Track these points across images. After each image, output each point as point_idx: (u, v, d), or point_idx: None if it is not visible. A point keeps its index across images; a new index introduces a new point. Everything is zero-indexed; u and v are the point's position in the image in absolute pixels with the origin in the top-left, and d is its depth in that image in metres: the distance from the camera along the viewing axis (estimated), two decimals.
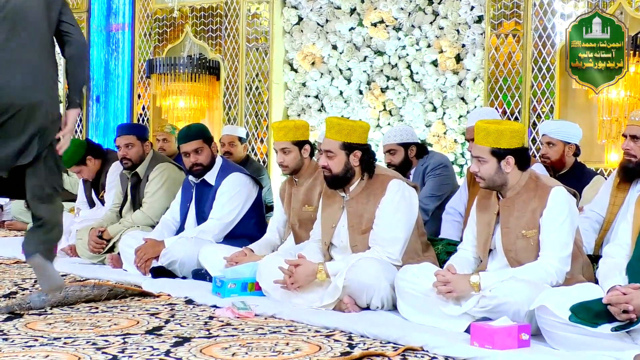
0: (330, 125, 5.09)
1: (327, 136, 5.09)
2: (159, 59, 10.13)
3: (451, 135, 8.54)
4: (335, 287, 4.80)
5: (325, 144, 5.09)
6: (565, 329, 3.82)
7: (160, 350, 3.82)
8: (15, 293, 5.33)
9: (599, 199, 5.24)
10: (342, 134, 5.03)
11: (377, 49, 9.07)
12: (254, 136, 9.75)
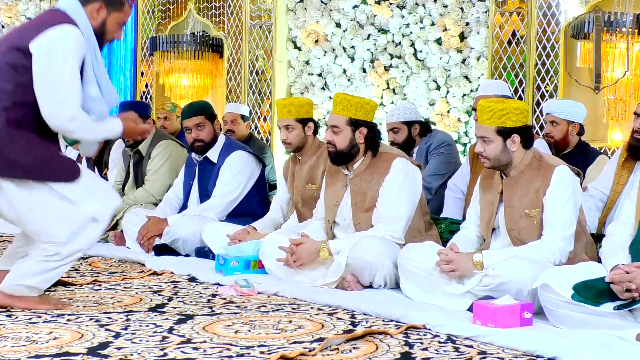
0: (338, 100, 5.09)
1: (334, 111, 5.09)
2: (162, 37, 10.10)
3: (455, 113, 8.52)
4: (338, 265, 4.81)
5: (332, 119, 5.08)
6: (568, 307, 3.82)
7: (163, 327, 3.83)
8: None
9: (603, 177, 5.23)
10: (350, 110, 5.02)
11: (381, 27, 9.03)
12: (257, 114, 9.73)
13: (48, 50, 4.02)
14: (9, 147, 4.00)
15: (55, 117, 4.03)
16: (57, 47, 4.03)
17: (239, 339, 3.63)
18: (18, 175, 4.03)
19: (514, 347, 3.55)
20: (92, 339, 3.59)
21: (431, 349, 3.54)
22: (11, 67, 4.05)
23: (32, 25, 4.16)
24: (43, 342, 3.52)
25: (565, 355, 3.39)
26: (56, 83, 4.02)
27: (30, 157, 4.04)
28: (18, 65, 4.03)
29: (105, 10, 4.25)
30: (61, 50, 4.03)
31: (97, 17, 4.23)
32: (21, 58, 4.04)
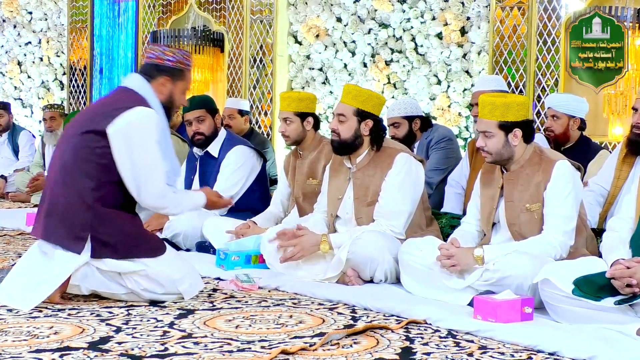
0: (348, 90, 5.11)
1: (343, 101, 5.10)
2: (163, 31, 10.09)
3: (455, 108, 8.52)
4: (338, 260, 4.81)
5: (339, 108, 5.10)
6: (569, 302, 3.82)
7: (164, 322, 3.84)
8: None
9: (603, 172, 5.23)
10: (358, 100, 5.04)
11: (382, 21, 9.03)
12: (257, 109, 9.73)
13: (127, 134, 4.15)
14: (99, 229, 4.13)
15: (145, 197, 4.22)
16: (137, 130, 4.18)
17: (240, 334, 3.64)
18: (108, 256, 4.16)
19: (514, 342, 3.55)
20: (93, 333, 3.60)
21: (432, 343, 3.54)
22: (90, 150, 4.17)
23: (106, 109, 4.27)
24: (44, 337, 3.53)
25: (565, 350, 3.39)
26: (142, 165, 4.18)
27: (120, 237, 4.19)
28: (96, 148, 4.16)
29: (171, 82, 4.40)
30: (142, 133, 4.19)
31: (164, 91, 4.38)
32: (98, 141, 4.16)
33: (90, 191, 4.13)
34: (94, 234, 4.11)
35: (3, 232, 6.97)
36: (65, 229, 4.12)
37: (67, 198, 4.15)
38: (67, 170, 4.20)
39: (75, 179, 4.16)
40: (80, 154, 4.18)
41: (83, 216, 4.12)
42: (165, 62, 4.39)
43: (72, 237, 4.11)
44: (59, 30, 12.20)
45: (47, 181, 4.41)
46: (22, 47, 12.57)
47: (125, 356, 3.26)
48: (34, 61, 12.52)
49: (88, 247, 4.11)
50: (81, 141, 4.20)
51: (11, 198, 9.60)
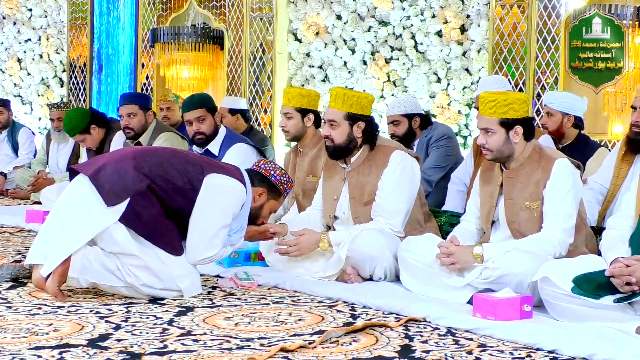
0: (335, 95, 5.07)
1: (332, 106, 5.07)
2: (163, 28, 10.09)
3: (455, 106, 8.51)
4: (338, 258, 4.81)
5: (329, 114, 5.07)
6: (568, 300, 3.83)
7: (163, 319, 3.84)
8: (19, 261, 5.34)
9: (603, 170, 5.24)
10: (347, 105, 5.01)
11: (382, 19, 9.03)
12: (257, 106, 9.73)
13: (217, 193, 4.37)
14: (140, 202, 4.26)
15: (194, 256, 4.41)
16: (226, 195, 4.41)
17: (239, 331, 3.64)
18: (134, 227, 4.26)
19: (513, 340, 3.55)
20: (92, 330, 3.60)
21: (431, 341, 3.54)
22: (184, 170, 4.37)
23: (220, 164, 4.61)
24: (43, 334, 3.53)
25: (564, 348, 3.39)
26: (210, 231, 4.38)
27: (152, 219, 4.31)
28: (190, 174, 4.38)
29: (266, 196, 4.65)
30: (228, 201, 4.42)
31: (257, 200, 4.62)
32: (197, 173, 4.39)
33: (153, 180, 4.29)
34: (133, 202, 4.22)
35: (3, 230, 6.97)
36: (113, 182, 4.25)
37: (129, 169, 4.29)
38: (148, 162, 4.37)
39: (150, 168, 4.32)
40: (174, 164, 4.40)
41: (133, 184, 4.25)
42: (272, 177, 4.65)
43: (114, 190, 4.24)
44: (59, 28, 12.20)
45: (124, 150, 4.64)
46: (22, 44, 12.57)
47: (124, 353, 3.26)
48: (33, 58, 12.52)
49: (122, 209, 4.21)
50: (184, 160, 4.44)
51: (11, 195, 9.59)
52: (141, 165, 4.32)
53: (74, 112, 7.67)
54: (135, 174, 4.27)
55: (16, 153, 10.41)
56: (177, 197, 4.33)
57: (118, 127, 7.39)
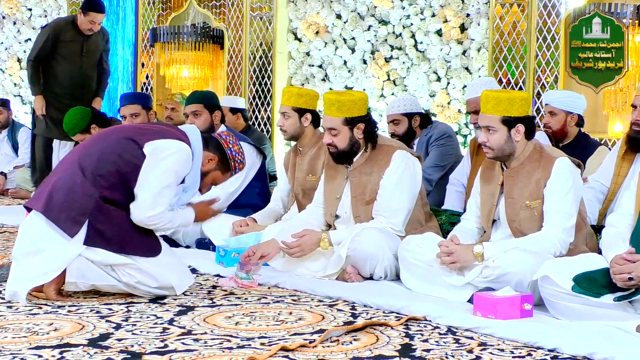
0: (330, 102, 5.03)
1: (328, 114, 5.04)
2: (163, 28, 10.09)
3: (455, 105, 8.52)
4: (338, 257, 4.81)
5: (327, 122, 5.04)
6: (568, 299, 3.83)
7: (163, 319, 3.84)
8: None
9: (603, 169, 5.23)
10: (343, 110, 4.99)
11: (382, 18, 9.03)
12: (257, 106, 9.73)
13: (159, 155, 4.24)
14: (98, 218, 4.18)
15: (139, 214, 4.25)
16: (167, 155, 4.26)
17: (240, 331, 3.64)
18: (102, 246, 4.19)
19: (514, 339, 3.55)
20: (92, 330, 3.60)
21: (432, 340, 3.54)
22: (119, 155, 4.24)
23: (154, 129, 4.42)
24: (44, 333, 3.53)
25: (565, 347, 3.39)
26: (153, 189, 4.24)
27: (117, 232, 4.23)
28: (128, 155, 4.24)
29: (215, 165, 4.54)
30: (169, 160, 4.27)
31: (206, 165, 4.50)
32: (133, 149, 4.25)
33: (101, 187, 4.19)
34: (92, 221, 4.15)
35: (3, 229, 6.97)
36: (66, 210, 4.16)
37: (77, 183, 4.20)
38: (88, 160, 4.27)
39: (92, 172, 4.21)
40: (109, 154, 4.27)
41: (86, 203, 4.16)
42: (228, 150, 4.56)
43: (70, 218, 4.14)
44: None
45: (62, 162, 4.49)
46: (22, 43, 12.55)
47: (125, 353, 3.26)
48: None
49: (83, 233, 4.14)
50: (116, 143, 4.31)
51: (11, 195, 9.60)
52: (85, 170, 4.21)
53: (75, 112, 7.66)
54: (84, 187, 4.17)
55: (16, 153, 10.42)
56: (128, 186, 4.22)
57: None
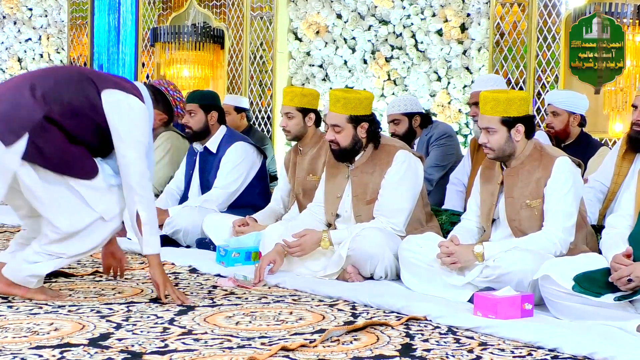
0: (336, 99, 5.03)
1: (333, 110, 5.04)
2: (163, 27, 10.08)
3: (455, 105, 8.51)
4: (339, 257, 4.81)
5: (332, 118, 5.04)
6: (569, 298, 3.83)
7: (164, 318, 3.84)
8: None
9: (603, 169, 5.23)
10: (349, 108, 4.99)
11: (382, 18, 9.02)
12: (257, 105, 9.73)
13: (120, 108, 4.20)
14: (40, 136, 4.07)
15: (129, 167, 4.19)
16: (137, 113, 4.24)
17: (240, 330, 3.64)
18: (39, 162, 4.09)
19: (514, 339, 3.55)
20: (93, 330, 3.60)
21: (432, 340, 3.54)
22: (77, 89, 4.19)
23: (115, 79, 4.37)
24: (44, 333, 3.53)
25: (565, 347, 3.39)
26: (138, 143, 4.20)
27: (56, 151, 4.13)
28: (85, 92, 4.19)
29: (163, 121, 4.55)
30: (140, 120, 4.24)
31: (155, 121, 4.47)
32: (92, 90, 4.20)
33: (49, 110, 4.10)
34: (32, 137, 4.05)
35: (3, 229, 6.98)
36: (5, 121, 4.07)
37: (24, 98, 4.13)
38: (42, 83, 4.19)
39: (44, 94, 4.13)
40: (66, 84, 4.21)
41: (29, 117, 4.07)
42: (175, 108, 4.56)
43: (9, 129, 4.05)
44: (59, 27, 12.20)
45: (10, 81, 4.41)
46: (22, 43, 12.56)
47: (125, 352, 3.26)
48: (34, 58, 12.51)
49: (22, 147, 4.03)
50: (77, 78, 4.26)
51: None
52: (36, 90, 4.13)
53: None
54: (30, 103, 4.09)
55: None
56: (78, 119, 4.16)
57: None
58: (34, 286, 4.24)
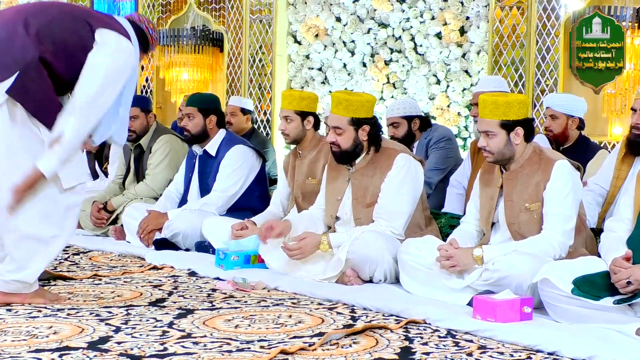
0: (338, 101, 5.05)
1: (334, 112, 5.05)
2: (163, 31, 10.09)
3: (455, 108, 8.52)
4: (338, 260, 4.81)
5: (333, 120, 5.05)
6: (568, 302, 3.83)
7: (163, 322, 3.84)
8: None
9: (602, 172, 5.23)
10: (350, 110, 5.00)
11: (381, 21, 9.03)
12: (257, 108, 9.73)
13: (115, 51, 4.12)
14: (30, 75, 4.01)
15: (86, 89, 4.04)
16: (121, 55, 4.15)
17: (239, 334, 3.64)
18: (20, 100, 4.02)
19: (514, 342, 3.55)
20: (92, 333, 3.60)
21: (431, 343, 3.54)
22: (72, 30, 4.12)
23: (107, 19, 4.27)
24: (43, 337, 3.53)
25: (565, 350, 3.39)
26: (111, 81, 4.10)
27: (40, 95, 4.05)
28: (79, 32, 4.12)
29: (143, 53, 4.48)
30: (123, 63, 4.15)
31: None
32: (85, 30, 4.12)
33: (43, 49, 4.04)
34: (22, 74, 4.00)
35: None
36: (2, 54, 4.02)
37: (18, 35, 4.06)
38: (37, 20, 4.12)
39: (38, 32, 4.07)
40: (61, 22, 4.15)
41: (23, 55, 4.02)
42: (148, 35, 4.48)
43: (2, 65, 4.01)
44: None
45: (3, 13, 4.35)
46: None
47: (124, 356, 3.26)
48: None
49: (9, 82, 3.99)
50: (71, 17, 4.19)
51: None
52: (30, 27, 4.05)
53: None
54: (24, 41, 4.02)
55: None
56: (68, 61, 4.07)
57: None
58: (30, 290, 4.21)
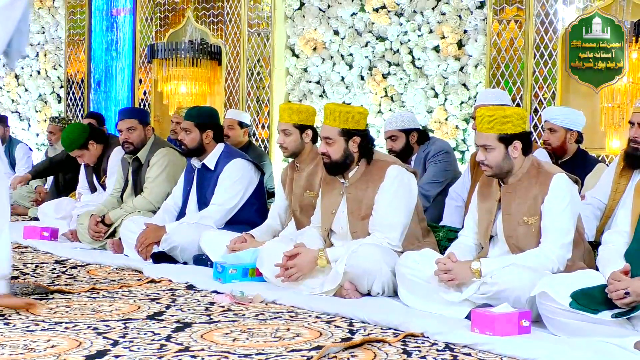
0: (329, 112, 5.07)
1: (326, 123, 5.08)
2: (161, 44, 10.11)
3: (452, 121, 8.53)
4: (336, 273, 4.80)
5: (324, 131, 5.07)
6: (566, 315, 3.82)
7: (161, 335, 3.83)
8: (17, 277, 5.34)
9: (600, 185, 5.24)
10: (341, 121, 5.02)
11: (379, 34, 9.05)
12: (255, 122, 9.74)
13: None
14: None
15: None
16: None
17: (237, 347, 3.63)
18: None
19: (512, 355, 3.55)
20: (89, 347, 3.59)
21: (429, 357, 3.54)
22: None
23: None
24: (41, 350, 3.52)
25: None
26: None
27: None
28: None
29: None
30: None
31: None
32: None
33: None
34: None
35: None
36: None
37: None
38: None
39: None
40: None
41: None
42: None
43: None
44: (57, 44, 12.23)
45: None
46: (20, 60, 12.57)
47: None
48: (31, 74, 12.54)
49: None
50: None
51: None
52: None
53: (73, 128, 7.69)
54: None
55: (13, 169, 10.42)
56: None
57: (116, 143, 7.41)
58: None
